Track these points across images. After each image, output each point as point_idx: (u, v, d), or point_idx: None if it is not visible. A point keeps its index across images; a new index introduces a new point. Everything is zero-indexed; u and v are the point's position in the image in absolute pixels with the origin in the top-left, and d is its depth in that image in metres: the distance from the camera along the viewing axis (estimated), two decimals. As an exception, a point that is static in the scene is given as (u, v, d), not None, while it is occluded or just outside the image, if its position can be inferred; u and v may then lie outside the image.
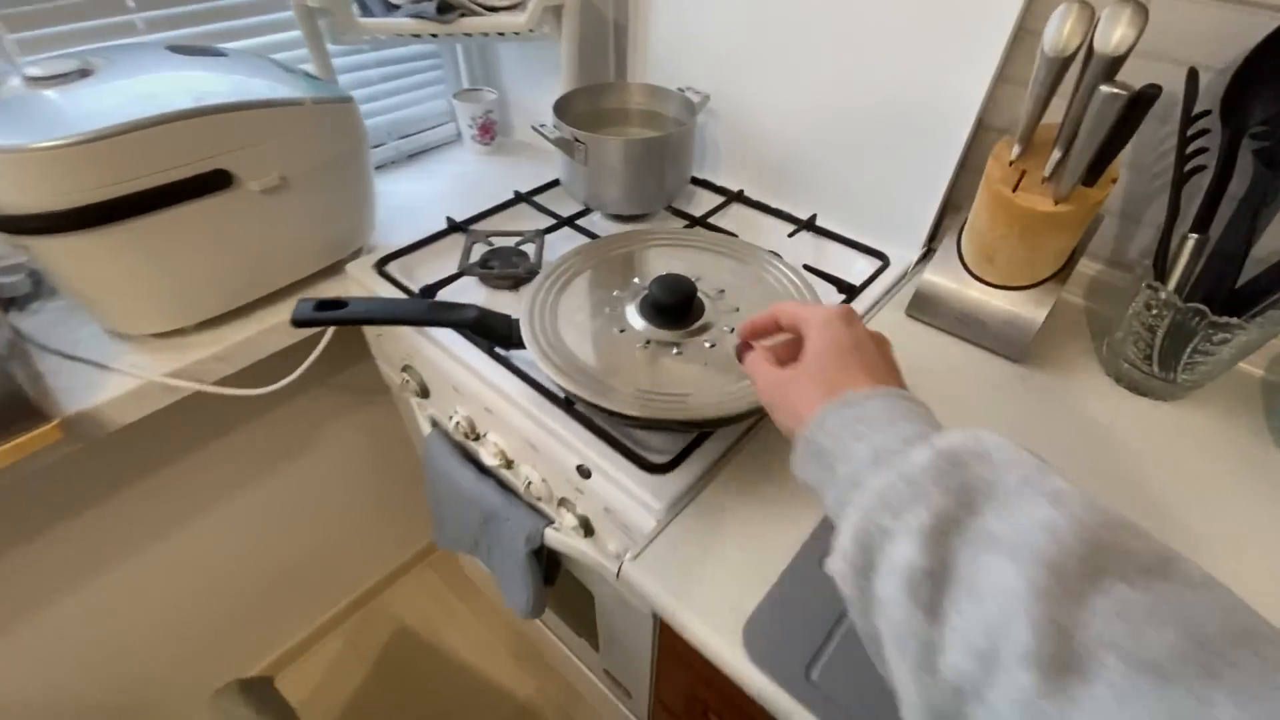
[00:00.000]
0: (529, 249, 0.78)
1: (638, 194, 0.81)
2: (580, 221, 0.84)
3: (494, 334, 0.56)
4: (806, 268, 0.76)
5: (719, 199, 0.89)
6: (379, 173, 1.02)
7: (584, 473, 0.57)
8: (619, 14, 1.01)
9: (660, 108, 0.88)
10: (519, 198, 0.89)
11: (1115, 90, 0.42)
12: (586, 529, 0.61)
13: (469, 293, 0.74)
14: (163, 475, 0.87)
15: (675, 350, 0.53)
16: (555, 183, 0.92)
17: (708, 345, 0.54)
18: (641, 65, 0.94)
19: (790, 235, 0.81)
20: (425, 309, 0.54)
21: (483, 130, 1.06)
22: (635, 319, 0.56)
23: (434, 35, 0.83)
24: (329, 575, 1.25)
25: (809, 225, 0.83)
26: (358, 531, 1.22)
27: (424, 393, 0.76)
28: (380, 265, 0.76)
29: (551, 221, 0.83)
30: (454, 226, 0.82)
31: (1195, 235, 0.58)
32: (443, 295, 0.72)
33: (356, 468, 1.13)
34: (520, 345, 0.55)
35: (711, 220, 0.84)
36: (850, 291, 0.72)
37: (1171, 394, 0.61)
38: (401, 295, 0.72)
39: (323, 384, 0.99)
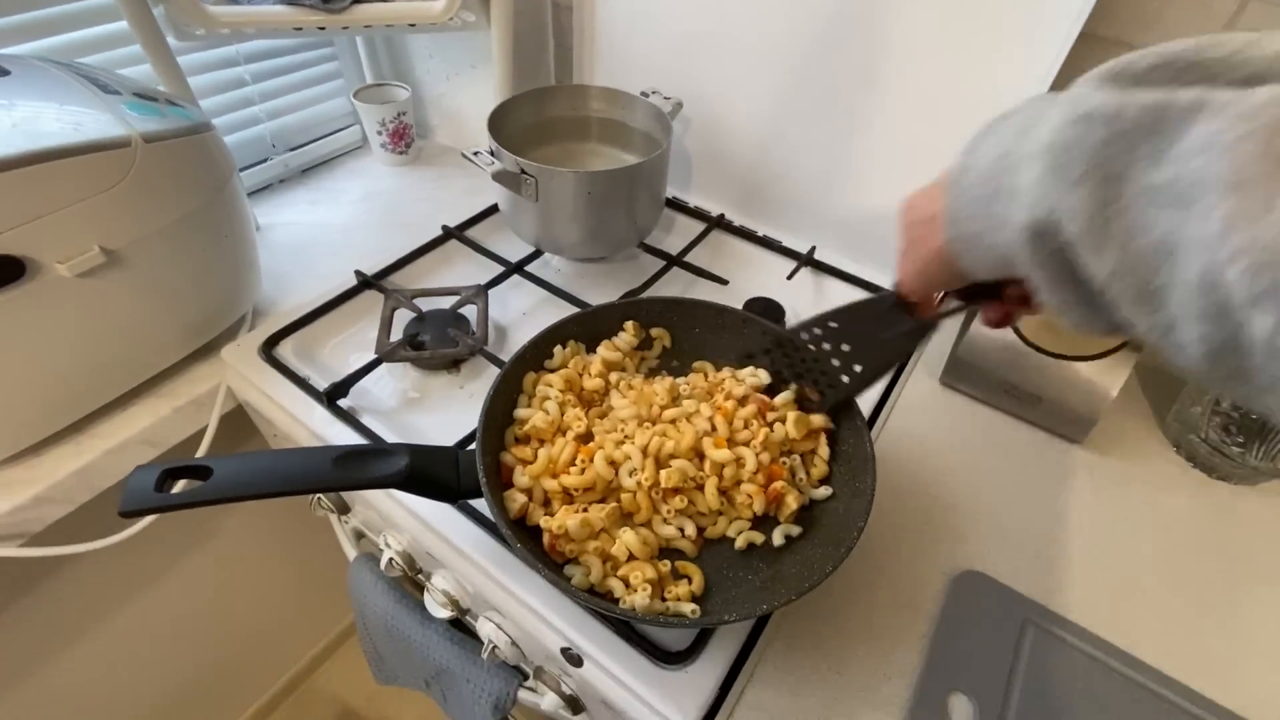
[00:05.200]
0: (469, 311, 0.61)
1: (604, 235, 0.65)
2: (531, 267, 0.67)
3: (436, 488, 0.40)
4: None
5: (696, 225, 0.74)
6: (261, 196, 0.81)
7: (574, 660, 0.42)
8: (558, -12, 0.82)
9: (624, 116, 0.71)
10: (448, 233, 0.70)
11: None
12: (575, 707, 0.47)
13: (392, 384, 0.57)
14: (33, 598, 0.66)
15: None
16: (494, 208, 0.74)
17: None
18: (589, 54, 0.76)
19: (790, 276, 0.67)
20: (329, 469, 0.37)
21: (395, 137, 0.85)
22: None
23: (320, 28, 0.63)
24: (242, 669, 1.06)
25: (808, 260, 0.69)
26: (273, 613, 1.04)
27: (342, 509, 0.59)
28: (268, 348, 0.57)
29: (496, 270, 0.66)
30: (365, 282, 0.63)
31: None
32: (361, 390, 0.55)
33: (259, 546, 0.94)
34: (475, 493, 0.40)
35: (690, 256, 0.69)
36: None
37: (1256, 478, 0.53)
38: (300, 396, 0.54)
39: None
